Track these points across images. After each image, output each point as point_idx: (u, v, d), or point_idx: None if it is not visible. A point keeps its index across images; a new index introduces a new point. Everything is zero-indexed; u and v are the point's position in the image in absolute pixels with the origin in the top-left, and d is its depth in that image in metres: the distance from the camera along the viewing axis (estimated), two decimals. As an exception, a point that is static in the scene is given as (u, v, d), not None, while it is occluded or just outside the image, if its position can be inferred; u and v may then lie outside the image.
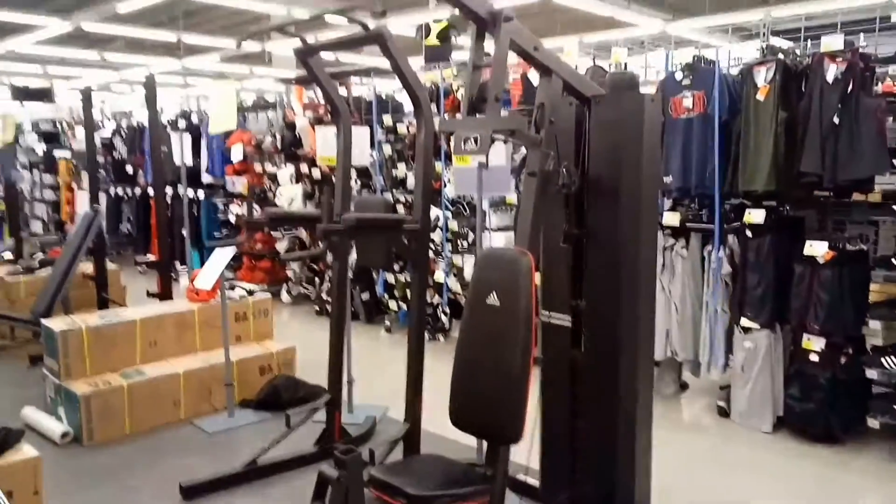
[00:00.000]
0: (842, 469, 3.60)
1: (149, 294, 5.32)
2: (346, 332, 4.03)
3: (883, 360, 3.70)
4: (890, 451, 3.74)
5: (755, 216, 3.99)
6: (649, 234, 2.88)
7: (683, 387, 4.79)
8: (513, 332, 2.43)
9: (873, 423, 3.73)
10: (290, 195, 7.27)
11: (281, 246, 7.43)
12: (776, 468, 3.62)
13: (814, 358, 3.84)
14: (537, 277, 2.61)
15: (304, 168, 7.22)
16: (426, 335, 5.57)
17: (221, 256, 4.07)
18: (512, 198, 5.33)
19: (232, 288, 5.10)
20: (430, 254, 5.82)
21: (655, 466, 2.97)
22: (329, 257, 6.91)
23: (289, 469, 3.56)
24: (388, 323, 6.47)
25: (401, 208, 6.24)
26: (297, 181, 7.35)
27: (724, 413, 4.28)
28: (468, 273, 5.70)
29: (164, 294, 5.23)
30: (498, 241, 5.34)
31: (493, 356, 2.47)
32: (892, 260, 3.74)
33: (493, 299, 2.52)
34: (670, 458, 3.47)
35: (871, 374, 3.74)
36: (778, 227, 4.02)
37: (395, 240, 3.13)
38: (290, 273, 7.64)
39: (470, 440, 3.35)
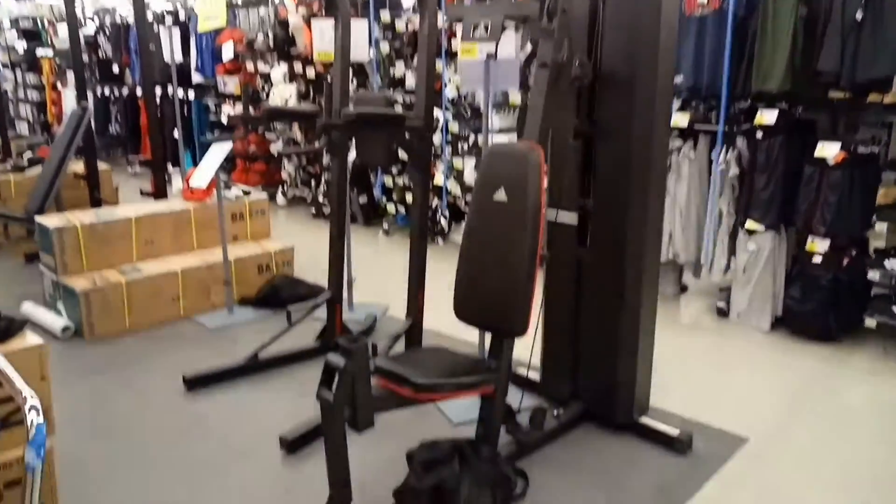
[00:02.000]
0: (837, 365, 3.65)
1: (142, 193, 5.23)
2: (347, 228, 3.99)
3: (886, 262, 3.70)
4: (884, 349, 3.80)
5: (766, 117, 3.88)
6: (662, 133, 2.78)
7: (683, 289, 4.82)
8: (521, 228, 2.38)
9: (870, 322, 3.76)
10: (283, 95, 7.06)
11: (275, 147, 7.28)
12: (773, 364, 3.67)
13: (817, 260, 3.83)
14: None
15: (297, 67, 6.97)
16: (425, 237, 5.54)
17: (217, 152, 3.96)
18: (515, 98, 5.18)
19: (228, 188, 5.01)
20: (430, 155, 5.70)
21: (653, 363, 3.01)
22: (326, 159, 6.79)
23: (290, 363, 3.59)
24: (385, 226, 6.42)
25: (399, 108, 6.07)
26: (291, 80, 7.12)
27: (723, 313, 4.32)
28: (468, 176, 5.61)
29: (159, 193, 5.14)
30: (500, 142, 5.22)
31: (501, 252, 2.43)
32: (904, 162, 3.66)
33: (500, 195, 2.45)
34: (669, 355, 3.51)
35: (873, 275, 3.74)
36: (789, 128, 3.92)
37: (396, 137, 3.03)
38: (285, 175, 7.52)
39: (471, 337, 3.38)
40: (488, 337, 2.57)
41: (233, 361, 3.47)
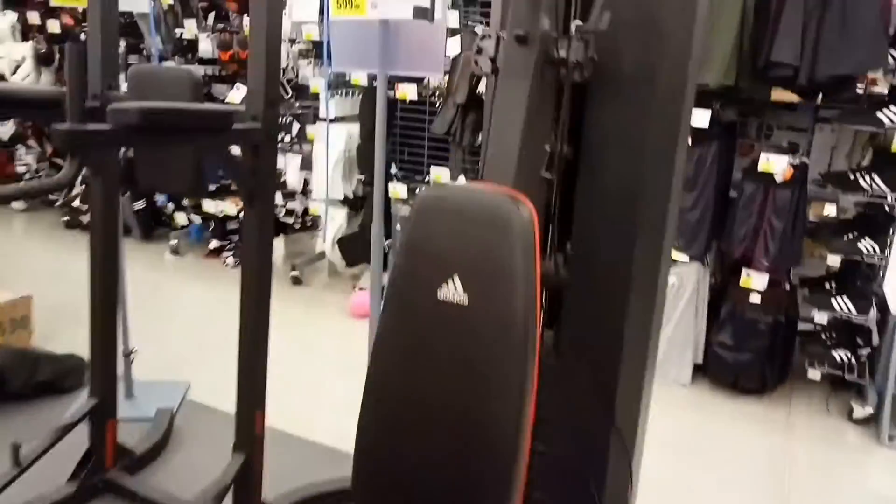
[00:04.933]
0: (789, 435, 2.94)
1: None
2: (120, 285, 2.51)
3: (834, 300, 3.06)
4: (823, 400, 3.19)
5: (698, 119, 3.03)
6: (681, 146, 1.71)
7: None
8: (500, 356, 1.21)
9: (814, 373, 3.13)
10: (13, 58, 5.07)
11: (3, 131, 5.27)
12: (718, 442, 2.88)
13: (755, 299, 3.11)
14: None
15: (33, 17, 5.03)
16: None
17: None
18: (358, 77, 3.88)
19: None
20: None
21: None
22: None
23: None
24: (174, 242, 4.81)
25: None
26: (25, 38, 5.15)
27: (632, 363, 3.49)
28: (291, 180, 4.24)
29: None
30: (338, 135, 3.92)
31: (457, 406, 1.24)
32: (849, 176, 3.02)
33: (452, 292, 1.25)
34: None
35: (821, 317, 3.10)
36: (722, 135, 3.13)
37: (212, 151, 1.68)
38: (22, 168, 5.52)
39: (340, 443, 2.19)
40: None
41: None
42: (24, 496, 2.13)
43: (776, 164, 2.93)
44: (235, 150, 1.78)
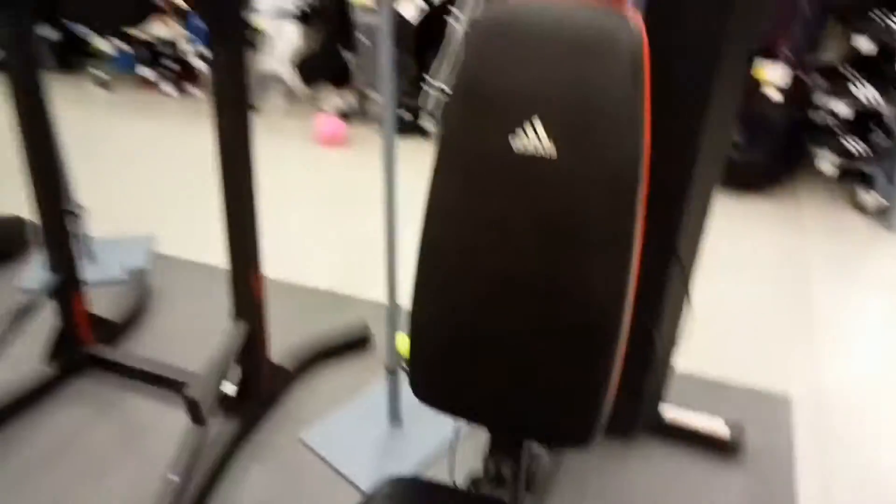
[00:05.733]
0: (807, 235, 2.83)
1: None
2: (52, 135, 2.09)
3: (856, 88, 2.81)
4: (833, 192, 3.08)
5: None
6: None
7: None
8: (600, 220, 0.93)
9: (828, 167, 2.97)
10: None
11: None
12: (739, 244, 2.76)
13: (773, 94, 2.84)
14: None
15: None
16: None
17: None
18: None
19: None
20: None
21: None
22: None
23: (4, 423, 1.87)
24: (98, 73, 4.18)
25: None
26: None
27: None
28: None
29: None
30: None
31: (541, 272, 0.97)
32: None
33: (532, 141, 0.93)
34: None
35: (841, 108, 2.87)
36: None
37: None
38: None
39: (335, 284, 1.98)
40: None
41: None
42: (-3, 386, 1.88)
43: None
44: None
